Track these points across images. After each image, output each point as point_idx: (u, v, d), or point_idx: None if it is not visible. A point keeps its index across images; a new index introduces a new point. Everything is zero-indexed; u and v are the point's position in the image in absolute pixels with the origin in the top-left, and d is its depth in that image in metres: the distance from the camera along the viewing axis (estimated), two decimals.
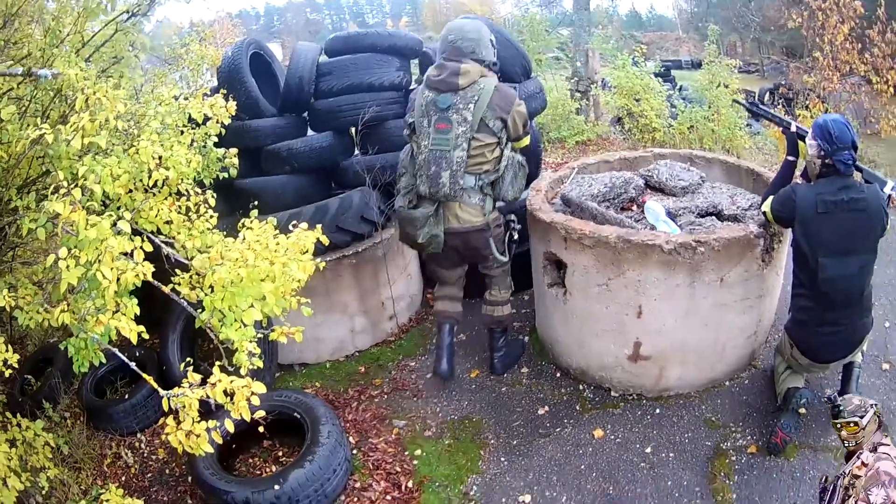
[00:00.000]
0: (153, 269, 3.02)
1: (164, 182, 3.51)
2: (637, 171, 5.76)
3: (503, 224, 4.91)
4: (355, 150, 6.38)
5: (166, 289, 3.49)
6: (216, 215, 3.83)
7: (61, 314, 2.95)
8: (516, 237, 4.96)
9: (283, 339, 3.30)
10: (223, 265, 3.14)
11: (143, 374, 3.41)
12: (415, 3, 58.54)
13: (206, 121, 4.09)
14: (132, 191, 3.42)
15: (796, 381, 4.45)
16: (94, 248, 2.78)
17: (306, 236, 3.38)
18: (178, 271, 3.71)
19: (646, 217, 5.00)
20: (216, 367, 3.04)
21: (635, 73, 10.64)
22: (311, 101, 6.16)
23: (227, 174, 4.54)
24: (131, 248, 2.89)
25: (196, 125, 4.15)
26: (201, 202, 3.85)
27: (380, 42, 6.05)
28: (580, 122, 10.95)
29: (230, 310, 3.14)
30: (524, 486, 4.35)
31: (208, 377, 3.00)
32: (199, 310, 3.30)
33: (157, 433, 5.35)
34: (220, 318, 3.20)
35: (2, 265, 4.25)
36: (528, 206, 5.14)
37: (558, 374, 5.32)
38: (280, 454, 4.92)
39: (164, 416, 5.31)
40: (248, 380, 2.92)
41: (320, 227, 3.57)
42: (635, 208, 5.35)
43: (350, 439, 4.85)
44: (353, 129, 6.22)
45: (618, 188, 5.31)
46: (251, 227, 3.42)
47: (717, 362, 4.84)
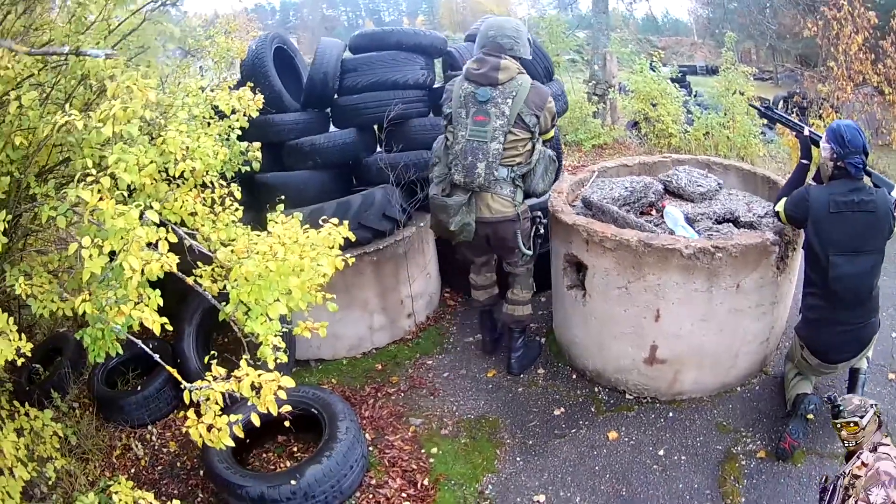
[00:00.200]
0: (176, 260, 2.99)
1: (191, 173, 3.46)
2: (656, 177, 5.79)
3: (531, 218, 4.97)
4: (377, 148, 6.39)
5: (189, 280, 3.48)
6: (241, 208, 3.83)
7: (83, 304, 2.90)
8: (542, 231, 5.01)
9: (307, 334, 3.27)
10: (250, 258, 3.11)
11: (168, 367, 3.34)
12: (431, 1, 58.39)
13: (232, 113, 4.11)
14: (156, 181, 3.38)
15: (805, 388, 4.51)
16: (119, 238, 2.75)
17: (337, 232, 3.36)
18: (199, 263, 3.71)
19: (665, 222, 5.03)
20: (243, 360, 2.99)
21: (653, 77, 10.63)
22: (335, 97, 6.14)
23: (248, 168, 4.57)
24: (156, 239, 2.87)
25: (222, 117, 4.16)
26: (226, 195, 3.84)
27: (405, 40, 6.04)
28: (597, 126, 10.93)
29: (256, 303, 3.11)
30: (539, 486, 4.39)
31: (229, 371, 2.98)
32: (224, 303, 3.26)
33: (169, 425, 5.36)
34: (245, 311, 3.17)
35: (16, 253, 4.17)
36: (549, 208, 5.16)
37: (574, 376, 5.35)
38: (295, 450, 4.91)
39: (177, 409, 5.46)
40: (277, 374, 2.88)
41: (346, 224, 3.57)
42: (654, 213, 5.37)
43: (366, 436, 4.86)
44: (377, 127, 6.27)
45: (638, 192, 5.34)
46: (280, 221, 3.39)
47: (730, 368, 4.86)
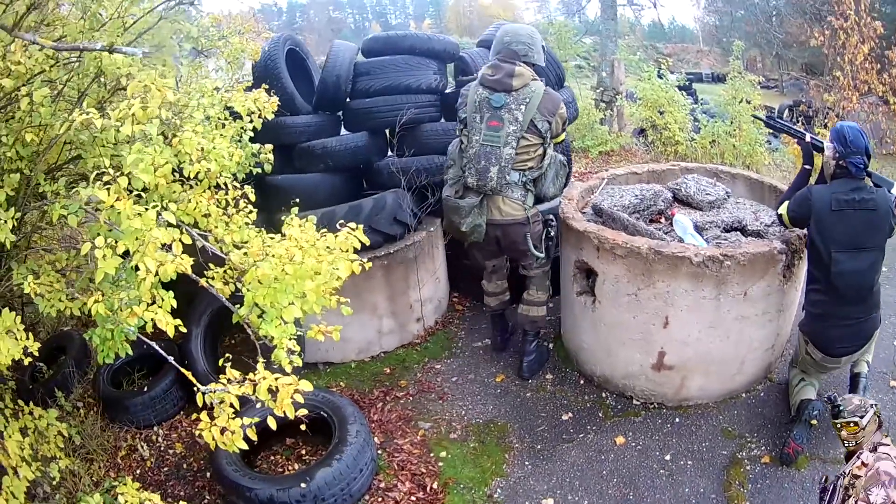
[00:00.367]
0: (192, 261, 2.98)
1: (206, 174, 3.48)
2: (665, 184, 5.81)
3: (542, 221, 5.02)
4: (388, 152, 6.39)
5: (203, 282, 3.49)
6: (255, 210, 3.85)
7: (95, 304, 2.89)
8: (553, 234, 5.06)
9: (321, 337, 3.28)
10: (266, 260, 3.10)
11: (183, 370, 3.33)
12: (438, 5, 58.43)
13: (249, 114, 4.12)
14: (170, 181, 3.31)
15: (809, 394, 4.56)
16: (134, 238, 2.73)
17: (354, 236, 3.37)
18: (211, 265, 3.73)
19: (674, 229, 5.05)
20: (260, 364, 2.99)
21: (660, 85, 10.64)
22: (347, 100, 6.14)
23: (259, 169, 4.57)
24: (170, 240, 2.85)
25: (235, 118, 4.17)
26: (240, 196, 3.85)
27: (418, 44, 6.06)
28: (604, 133, 10.92)
29: (272, 306, 3.10)
30: (547, 490, 4.41)
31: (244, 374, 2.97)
32: (237, 305, 3.25)
33: (175, 427, 5.36)
34: (259, 314, 3.17)
35: (22, 251, 4.18)
36: (560, 215, 5.19)
37: (582, 382, 5.37)
38: (303, 452, 4.92)
39: (184, 411, 5.42)
40: (294, 377, 2.87)
41: (361, 228, 3.56)
42: (663, 220, 5.39)
43: (375, 439, 4.87)
44: (389, 131, 6.28)
45: (648, 200, 5.37)
46: (297, 224, 3.38)
47: (736, 374, 4.89)
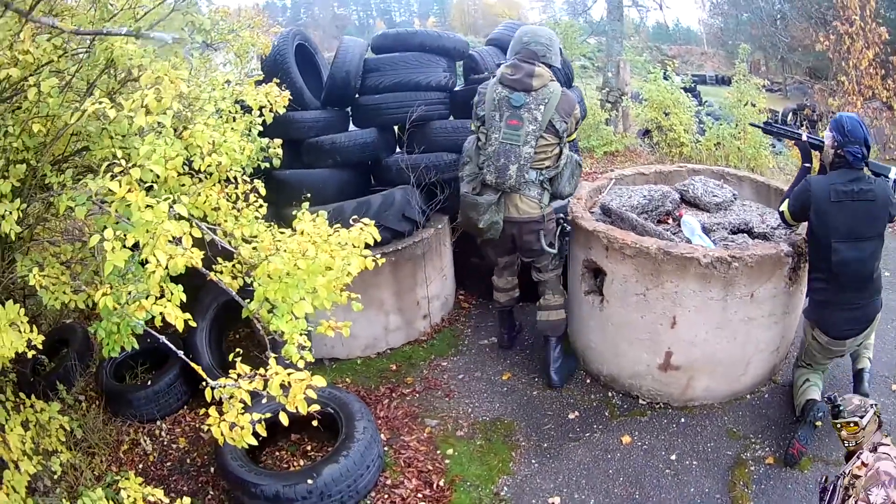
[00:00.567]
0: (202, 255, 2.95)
1: (216, 168, 3.48)
2: (673, 186, 5.82)
3: (555, 220, 5.05)
4: (397, 148, 6.40)
5: (213, 275, 3.44)
6: (265, 205, 3.84)
7: (103, 297, 2.85)
8: (569, 229, 5.09)
9: (331, 333, 3.24)
10: (278, 255, 3.09)
11: (193, 365, 3.29)
12: (443, 3, 58.40)
13: (260, 108, 4.11)
14: (180, 174, 3.26)
15: (814, 394, 4.59)
16: (144, 231, 2.69)
17: (368, 232, 3.35)
18: (219, 259, 3.70)
19: (682, 230, 5.06)
20: (272, 359, 2.95)
21: (666, 86, 10.63)
22: (356, 96, 6.13)
23: (268, 164, 4.55)
24: (181, 234, 2.80)
25: (246, 111, 4.16)
26: (250, 190, 3.84)
27: (429, 42, 6.06)
28: (609, 133, 10.91)
29: (283, 301, 3.08)
30: (554, 489, 4.41)
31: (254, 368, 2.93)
32: (247, 300, 3.25)
33: (179, 421, 5.35)
34: (269, 308, 3.15)
35: (26, 243, 4.16)
36: (569, 214, 5.21)
37: (588, 381, 5.38)
38: (309, 448, 4.91)
39: (188, 405, 5.40)
40: (307, 373, 2.82)
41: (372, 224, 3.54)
42: (671, 221, 5.41)
43: (382, 436, 4.86)
44: (398, 127, 6.27)
45: (656, 201, 5.38)
46: (310, 219, 3.35)
47: (741, 375, 4.91)
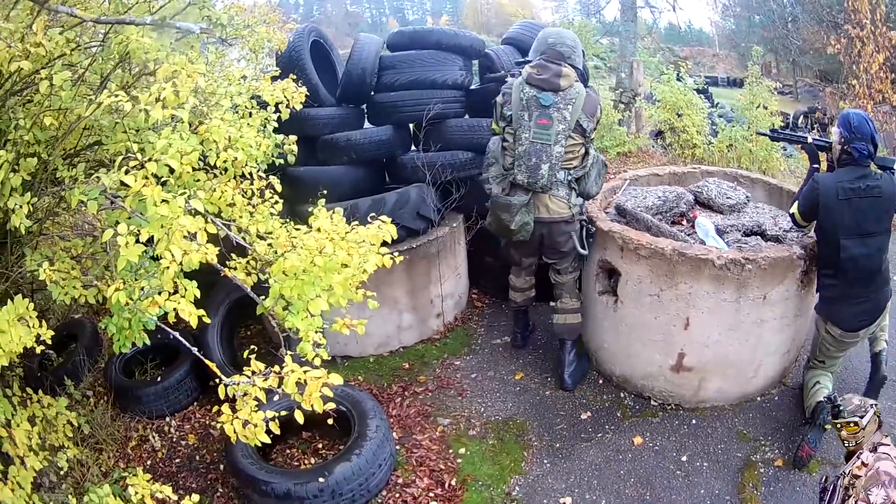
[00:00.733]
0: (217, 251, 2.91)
1: (232, 163, 3.47)
2: (687, 187, 5.82)
3: (579, 221, 5.04)
4: (412, 146, 6.38)
5: (228, 272, 3.45)
6: (281, 201, 3.82)
7: (116, 293, 2.82)
8: (593, 230, 5.07)
9: (346, 331, 3.22)
10: (295, 252, 3.06)
11: (207, 362, 3.26)
12: (455, 1, 58.24)
13: (277, 105, 4.09)
14: (195, 169, 3.25)
15: (824, 396, 4.56)
16: (159, 226, 2.66)
17: (387, 229, 3.33)
18: (233, 255, 3.69)
19: (696, 232, 5.06)
20: (287, 356, 2.93)
21: (679, 88, 10.60)
22: (372, 93, 6.12)
23: (283, 160, 4.52)
24: (196, 230, 2.77)
25: (261, 107, 4.13)
26: (265, 186, 3.82)
27: (445, 40, 6.03)
28: (622, 134, 10.87)
29: (299, 298, 3.07)
30: (565, 489, 4.42)
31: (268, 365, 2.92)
32: (262, 296, 3.22)
33: (188, 418, 5.35)
34: (285, 306, 3.13)
35: (36, 237, 4.14)
36: (584, 214, 5.16)
37: (601, 381, 5.39)
38: (320, 446, 4.90)
39: (198, 402, 5.42)
40: (323, 371, 2.79)
41: (389, 221, 3.49)
42: (685, 222, 5.41)
43: (394, 435, 4.84)
44: (413, 125, 6.27)
45: (670, 202, 5.38)
46: (326, 216, 3.30)
47: (752, 377, 4.92)
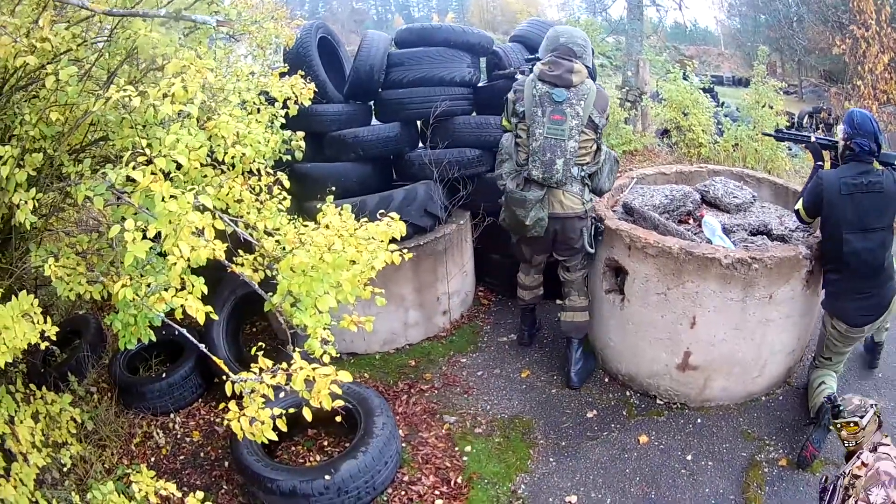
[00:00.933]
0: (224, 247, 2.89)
1: (240, 159, 3.46)
2: (693, 186, 5.82)
3: (590, 218, 5.05)
4: (419, 143, 6.36)
5: (236, 268, 3.44)
6: (289, 198, 3.83)
7: (122, 289, 2.82)
8: (601, 228, 5.08)
9: (353, 328, 3.25)
10: (303, 249, 3.05)
11: (214, 358, 3.23)
12: None
13: (285, 101, 4.08)
14: (202, 165, 3.21)
15: (826, 395, 4.57)
16: (167, 222, 2.65)
17: (396, 226, 3.31)
18: (240, 251, 3.69)
19: (703, 231, 5.06)
20: (296, 353, 2.89)
21: (685, 87, 10.58)
22: (379, 90, 6.10)
23: (290, 157, 4.51)
24: (203, 226, 2.75)
25: (270, 103, 4.12)
26: (273, 183, 3.82)
27: (453, 37, 6.01)
28: (628, 132, 10.82)
29: (307, 295, 3.07)
30: (571, 487, 4.42)
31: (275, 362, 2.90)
32: (270, 293, 3.23)
33: (193, 414, 5.36)
34: (292, 302, 3.14)
35: (40, 233, 4.11)
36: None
37: (607, 380, 5.39)
38: (325, 443, 4.90)
39: (202, 398, 5.42)
40: (332, 368, 2.76)
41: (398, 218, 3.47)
42: (692, 221, 5.40)
43: (400, 432, 4.84)
44: (421, 122, 6.25)
45: (677, 201, 5.38)
46: (335, 213, 3.31)
47: (757, 377, 4.93)
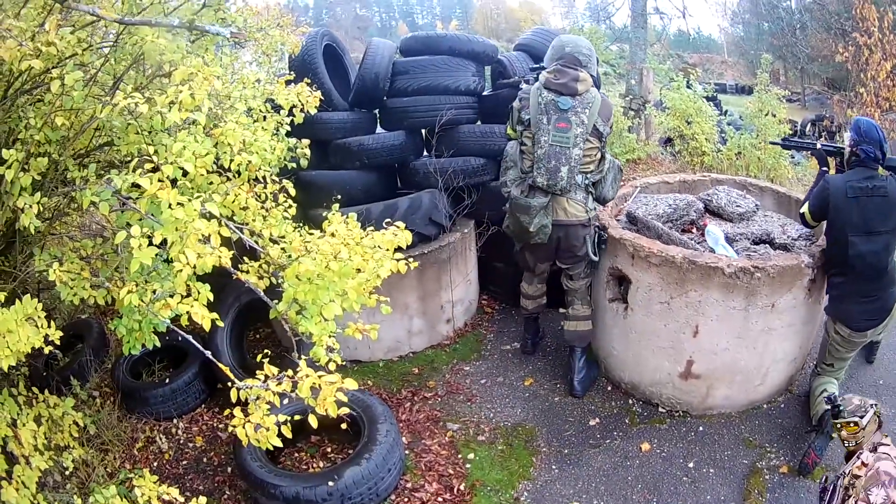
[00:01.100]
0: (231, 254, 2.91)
1: (246, 167, 3.43)
2: (697, 195, 5.84)
3: (593, 227, 5.07)
4: (424, 152, 6.40)
5: (241, 275, 3.47)
6: (294, 205, 3.83)
7: (128, 295, 2.82)
8: (605, 236, 5.10)
9: (359, 336, 3.24)
10: (309, 257, 3.07)
11: (220, 364, 3.32)
12: (465, 6, 58.53)
13: (291, 108, 4.10)
14: (209, 172, 3.24)
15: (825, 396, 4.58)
16: (174, 229, 2.67)
17: (403, 235, 3.32)
18: (245, 258, 3.71)
19: (706, 240, 5.08)
20: (302, 361, 2.94)
21: (689, 95, 10.60)
22: (384, 98, 6.12)
23: (295, 164, 4.52)
24: (209, 233, 2.76)
25: (276, 111, 4.14)
26: (279, 191, 3.84)
27: (458, 46, 6.04)
28: (632, 141, 10.83)
29: (313, 303, 3.08)
30: (573, 495, 4.44)
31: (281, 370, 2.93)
32: (275, 300, 3.25)
33: (196, 420, 5.38)
34: (298, 310, 3.15)
35: (44, 237, 4.12)
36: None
37: (609, 388, 5.41)
38: (329, 450, 4.91)
39: (205, 405, 5.46)
40: (338, 375, 2.81)
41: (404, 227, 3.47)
42: (695, 230, 5.42)
43: (403, 439, 4.86)
44: (425, 130, 6.28)
45: (681, 210, 5.40)
46: (341, 221, 3.34)
47: (759, 385, 4.94)
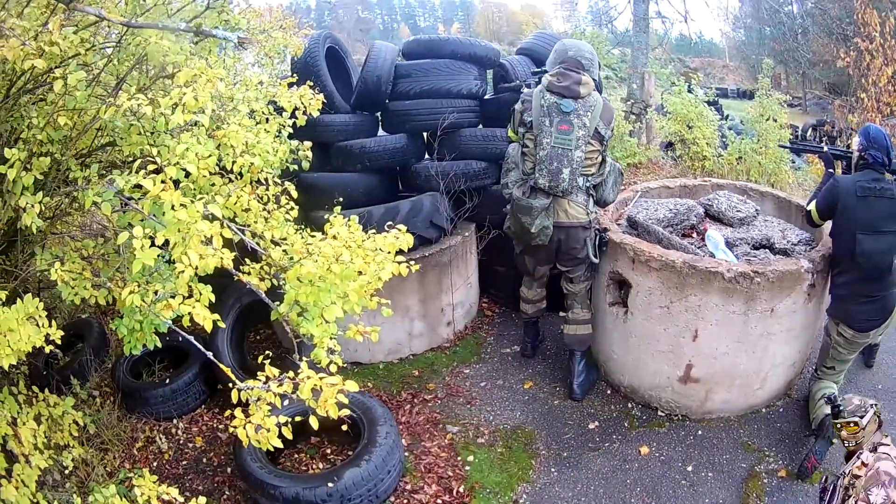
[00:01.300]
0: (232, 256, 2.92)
1: (249, 169, 3.45)
2: (697, 200, 5.85)
3: (594, 229, 5.09)
4: (426, 154, 6.42)
5: (244, 277, 3.47)
6: (296, 207, 3.84)
7: (130, 295, 2.83)
8: (606, 238, 5.11)
9: (359, 338, 3.25)
10: (311, 259, 3.07)
11: (221, 366, 3.32)
12: (467, 9, 58.64)
13: (294, 111, 4.09)
14: (211, 173, 3.22)
15: (825, 396, 4.61)
16: (176, 230, 2.69)
17: (404, 238, 3.33)
18: (247, 260, 3.72)
19: (706, 244, 5.09)
20: (303, 363, 2.95)
21: (690, 99, 10.60)
22: (387, 101, 6.13)
23: (297, 167, 4.51)
24: (212, 234, 2.77)
25: (278, 113, 4.14)
26: (281, 193, 3.84)
27: (460, 49, 6.06)
28: (633, 145, 10.83)
29: (314, 305, 3.09)
30: (572, 497, 4.45)
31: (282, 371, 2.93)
32: (277, 302, 3.27)
33: (196, 420, 5.39)
34: (299, 312, 3.16)
35: (45, 236, 4.13)
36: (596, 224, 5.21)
37: (609, 391, 5.42)
38: (328, 451, 4.93)
39: (206, 405, 5.47)
40: (339, 377, 2.81)
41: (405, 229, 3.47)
42: (695, 235, 5.44)
43: (403, 441, 4.87)
44: (427, 134, 6.29)
45: (681, 215, 5.42)
46: (342, 223, 3.34)
47: (758, 389, 4.96)
